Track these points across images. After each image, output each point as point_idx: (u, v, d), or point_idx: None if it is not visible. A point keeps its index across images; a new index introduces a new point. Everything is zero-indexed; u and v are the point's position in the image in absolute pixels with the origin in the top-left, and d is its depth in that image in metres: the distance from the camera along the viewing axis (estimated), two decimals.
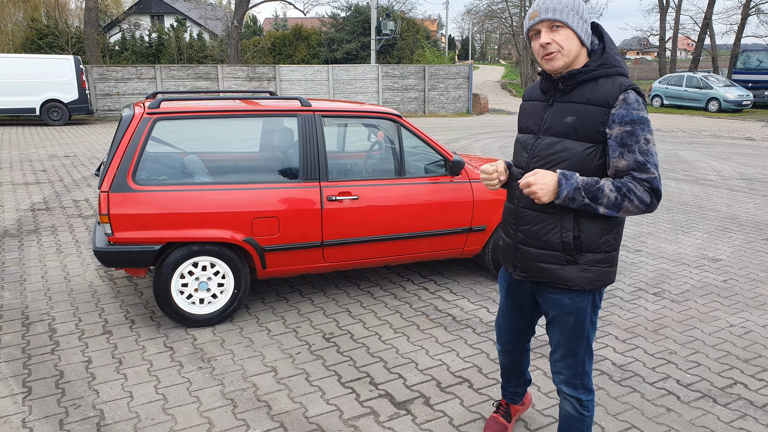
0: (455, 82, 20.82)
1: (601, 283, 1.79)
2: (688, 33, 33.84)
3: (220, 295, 3.42)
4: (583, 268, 1.76)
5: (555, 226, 1.74)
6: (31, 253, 4.76)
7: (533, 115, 1.86)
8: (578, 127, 1.70)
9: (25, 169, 8.86)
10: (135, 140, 3.21)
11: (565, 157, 1.71)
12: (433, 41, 41.46)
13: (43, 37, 24.26)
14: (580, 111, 1.70)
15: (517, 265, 1.89)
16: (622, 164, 1.66)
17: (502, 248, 1.99)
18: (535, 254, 1.81)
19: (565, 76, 1.73)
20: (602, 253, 1.76)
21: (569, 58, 1.70)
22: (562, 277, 1.78)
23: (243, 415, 2.55)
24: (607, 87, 1.68)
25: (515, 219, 1.86)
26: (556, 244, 1.76)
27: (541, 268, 1.81)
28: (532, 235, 1.81)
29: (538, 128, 1.81)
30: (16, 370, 2.90)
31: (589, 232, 1.74)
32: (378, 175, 3.86)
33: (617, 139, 1.65)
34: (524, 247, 1.84)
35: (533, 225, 1.79)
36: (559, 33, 1.69)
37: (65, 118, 15.65)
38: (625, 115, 1.65)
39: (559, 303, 1.83)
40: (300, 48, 27.63)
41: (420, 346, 3.21)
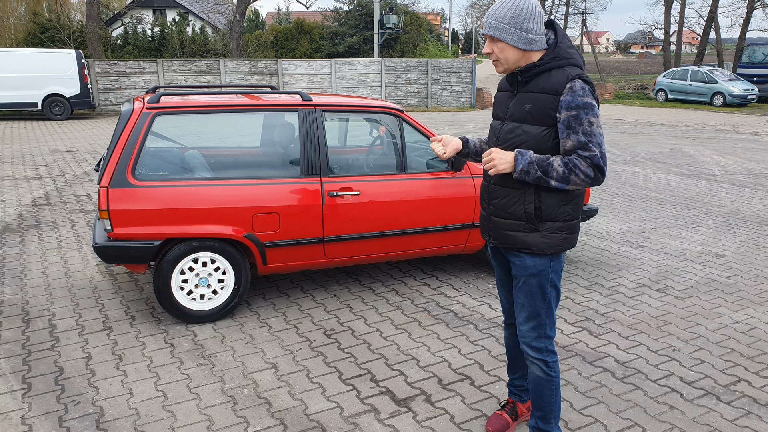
0: (458, 76, 20.73)
1: (561, 248, 2.02)
2: (693, 27, 33.59)
3: (220, 291, 3.40)
4: (544, 235, 2.00)
5: (519, 199, 2.00)
6: (32, 248, 4.75)
7: (501, 103, 2.11)
8: (534, 113, 1.95)
9: (26, 163, 8.85)
10: (134, 135, 3.19)
11: (524, 140, 1.97)
12: (437, 35, 41.24)
13: (45, 31, 24.23)
14: (534, 99, 1.95)
15: (491, 234, 2.13)
16: (569, 144, 1.90)
17: (480, 220, 2.23)
18: (503, 224, 2.06)
19: (523, 70, 1.97)
20: (561, 221, 2.00)
21: (508, 64, 1.97)
22: (526, 243, 2.02)
23: (243, 412, 2.53)
24: (558, 77, 1.91)
25: (488, 194, 2.12)
26: (520, 215, 2.01)
27: (509, 235, 2.06)
28: (500, 207, 2.06)
29: (504, 115, 2.07)
30: (16, 366, 2.89)
31: (548, 204, 1.98)
32: (379, 170, 3.83)
33: (564, 122, 1.89)
34: (495, 218, 2.09)
35: (501, 199, 2.05)
36: (496, 45, 1.96)
37: (67, 113, 15.64)
38: (571, 101, 1.88)
39: (523, 265, 2.06)
40: (302, 42, 27.54)
41: (421, 342, 3.20)
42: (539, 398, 2.17)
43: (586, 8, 35.64)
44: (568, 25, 40.01)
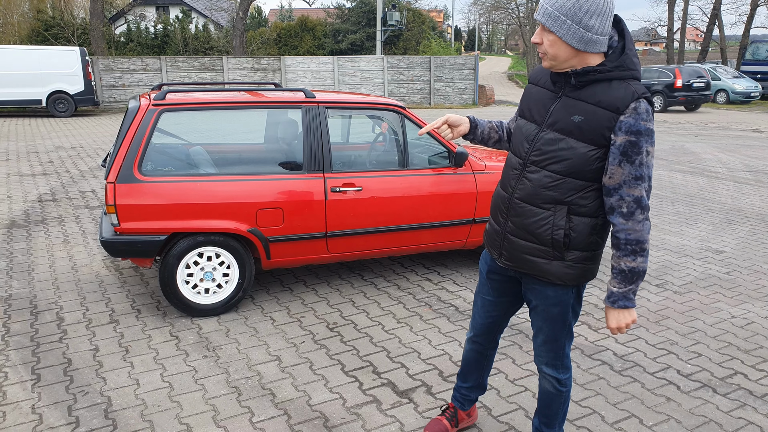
0: (461, 73, 20.74)
1: (584, 279, 1.81)
2: (696, 24, 33.53)
3: (225, 285, 3.46)
4: (568, 265, 1.77)
5: (548, 222, 1.74)
6: (38, 243, 4.82)
7: (538, 103, 1.79)
8: (584, 128, 1.66)
9: (32, 160, 8.92)
10: (141, 131, 3.24)
11: (566, 156, 1.69)
12: (440, 32, 41.21)
13: (49, 28, 24.30)
14: (589, 112, 1.65)
15: (503, 254, 1.89)
16: (618, 175, 1.65)
17: (488, 233, 1.98)
18: (523, 246, 1.82)
19: (579, 72, 1.66)
20: (588, 251, 1.78)
21: (556, 62, 1.67)
22: (547, 272, 1.79)
23: (247, 402, 2.59)
24: (620, 92, 1.62)
25: (507, 208, 1.84)
26: (545, 240, 1.76)
27: (528, 260, 1.82)
28: (523, 227, 1.80)
29: (542, 119, 1.76)
30: (26, 357, 2.95)
31: (580, 232, 1.74)
32: (382, 166, 3.88)
33: (620, 148, 1.62)
34: (513, 238, 1.84)
35: (526, 218, 1.78)
36: (547, 36, 1.66)
37: (71, 110, 15.72)
38: (633, 124, 1.61)
39: (543, 294, 1.86)
40: (305, 39, 27.56)
41: (423, 336, 3.24)
42: (547, 408, 2.06)
43: None
44: None
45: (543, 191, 1.73)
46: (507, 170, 1.87)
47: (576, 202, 1.71)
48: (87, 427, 2.40)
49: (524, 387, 2.72)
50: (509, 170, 1.85)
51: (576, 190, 1.70)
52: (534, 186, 1.75)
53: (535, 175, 1.75)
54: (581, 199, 1.71)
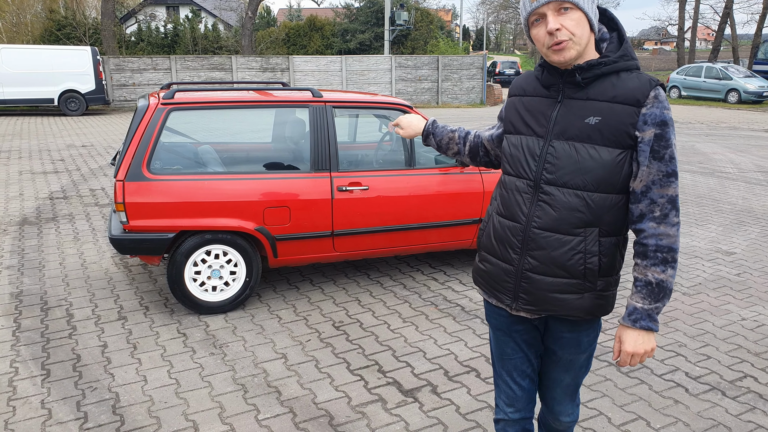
0: (469, 72, 20.69)
1: (610, 308, 1.58)
2: (707, 23, 33.21)
3: (232, 283, 3.47)
4: (598, 295, 1.52)
5: (579, 251, 1.47)
6: (49, 240, 4.87)
7: (534, 113, 1.54)
8: (604, 129, 1.43)
9: (43, 158, 9.01)
10: (150, 130, 3.27)
11: (590, 167, 1.44)
12: (448, 31, 41.14)
13: (62, 28, 24.52)
14: (604, 110, 1.44)
15: (521, 297, 1.55)
16: (646, 174, 1.43)
17: (488, 275, 1.61)
18: (549, 284, 1.50)
19: (583, 67, 1.45)
20: (614, 274, 1.54)
21: (581, 46, 1.43)
22: (580, 308, 1.51)
23: (253, 400, 2.60)
24: (634, 82, 1.44)
25: (522, 241, 1.52)
26: (577, 271, 1.48)
27: (555, 300, 1.51)
28: (549, 260, 1.48)
29: (545, 129, 1.51)
30: (35, 353, 2.98)
31: (610, 255, 1.49)
32: (388, 165, 3.88)
33: (648, 144, 1.42)
34: (536, 276, 1.51)
35: (552, 249, 1.48)
36: (568, 16, 1.41)
37: (82, 109, 15.86)
38: (658, 115, 1.42)
39: (576, 342, 1.59)
40: (314, 39, 27.62)
41: (428, 335, 3.24)
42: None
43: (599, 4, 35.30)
44: None
45: (571, 214, 1.45)
46: (510, 196, 1.56)
47: (607, 221, 1.46)
48: (95, 422, 2.42)
49: None
50: (514, 195, 1.55)
51: (608, 207, 1.45)
52: (559, 209, 1.46)
53: (557, 195, 1.46)
54: (611, 215, 1.47)
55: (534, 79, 1.60)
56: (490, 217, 1.63)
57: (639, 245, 1.48)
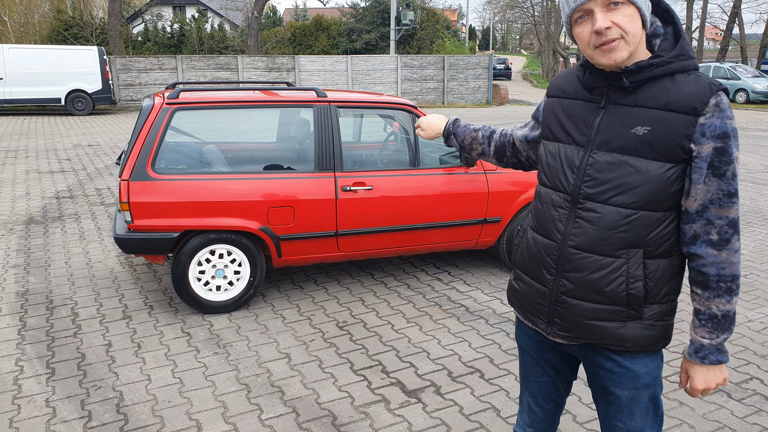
0: (475, 72, 20.66)
1: (666, 340, 1.38)
2: (715, 22, 33.03)
3: (236, 283, 3.48)
4: (647, 325, 1.34)
5: (620, 274, 1.31)
6: (55, 239, 4.89)
7: (574, 118, 1.38)
8: (654, 141, 1.26)
9: (50, 157, 9.07)
10: (154, 130, 3.28)
11: (636, 182, 1.27)
12: (454, 31, 41.10)
13: (69, 28, 24.68)
14: (655, 119, 1.26)
15: (556, 322, 1.41)
16: (702, 192, 1.26)
17: (522, 295, 1.49)
18: (587, 309, 1.35)
19: (632, 69, 1.27)
20: (668, 302, 1.36)
21: (633, 46, 1.26)
22: (623, 338, 1.35)
23: (257, 399, 2.60)
24: (691, 87, 1.26)
25: (557, 261, 1.37)
26: (618, 297, 1.32)
27: (595, 326, 1.36)
28: (586, 284, 1.34)
29: (586, 138, 1.34)
30: (41, 351, 3.00)
31: (658, 280, 1.32)
32: (392, 165, 3.88)
33: (707, 159, 1.24)
34: (572, 300, 1.37)
35: (590, 272, 1.33)
36: (619, 12, 1.23)
37: (89, 108, 15.95)
38: (719, 126, 1.23)
39: (632, 375, 1.37)
40: (320, 38, 27.65)
41: (432, 335, 3.24)
42: None
43: None
44: None
45: (612, 234, 1.29)
46: (545, 210, 1.41)
47: (652, 241, 1.30)
48: (99, 421, 2.43)
49: None
50: (549, 210, 1.40)
51: (653, 225, 1.29)
52: (598, 228, 1.31)
53: (598, 213, 1.31)
54: (658, 236, 1.30)
55: (575, 79, 1.42)
56: (525, 232, 1.49)
57: (697, 273, 1.31)
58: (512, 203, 3.93)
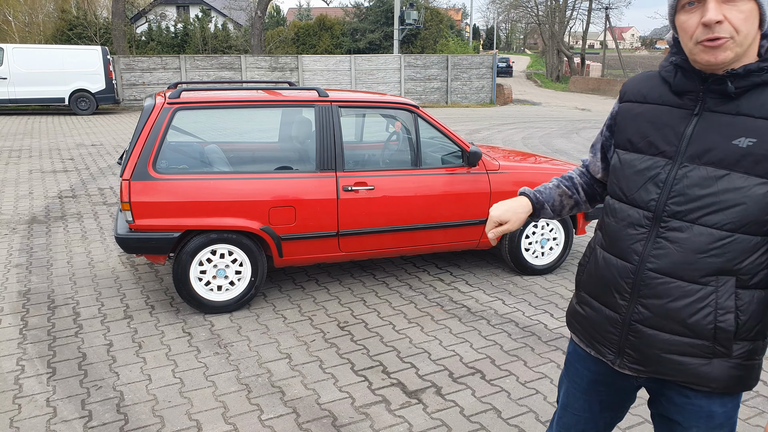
0: (478, 72, 20.63)
1: (755, 381, 1.24)
2: None
3: (237, 283, 3.48)
4: (735, 364, 1.19)
5: (707, 304, 1.16)
6: (57, 239, 4.90)
7: (661, 125, 1.22)
8: (759, 155, 1.11)
9: (53, 157, 9.09)
10: (156, 130, 3.28)
11: (734, 201, 1.12)
12: (458, 31, 41.05)
13: (73, 28, 24.75)
14: (762, 130, 1.11)
15: (628, 354, 1.26)
16: None
17: (585, 320, 1.35)
18: (666, 341, 1.21)
19: (739, 73, 1.12)
20: (760, 339, 1.20)
21: (742, 48, 1.11)
22: (705, 376, 1.20)
23: (257, 400, 2.60)
24: None
25: (633, 286, 1.23)
26: (705, 331, 1.17)
27: (674, 361, 1.21)
28: (666, 313, 1.19)
29: (675, 149, 1.19)
30: (42, 351, 3.00)
31: (751, 313, 1.17)
32: (394, 165, 3.87)
33: None
34: (648, 330, 1.22)
35: (671, 300, 1.18)
36: (737, 7, 1.09)
37: (93, 108, 16.00)
38: None
39: (706, 413, 1.24)
40: (324, 38, 27.66)
41: (433, 336, 3.23)
42: None
43: (610, 3, 35.10)
44: (592, 21, 39.47)
45: (700, 258, 1.15)
46: (620, 228, 1.26)
47: (747, 269, 1.15)
48: (99, 421, 2.43)
49: (535, 390, 2.69)
50: (625, 228, 1.25)
51: (750, 251, 1.14)
52: (684, 251, 1.16)
53: (685, 233, 1.16)
54: (754, 264, 1.15)
55: (659, 82, 1.26)
56: (593, 251, 1.34)
57: None
58: None
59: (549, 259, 4.16)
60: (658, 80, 1.27)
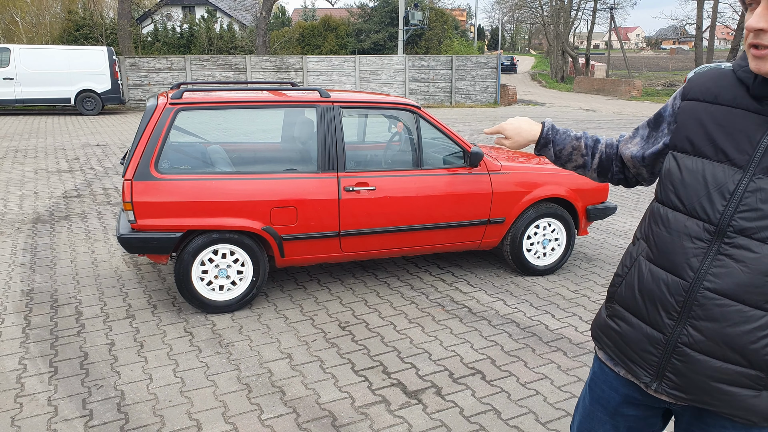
0: (483, 72, 20.61)
1: None
2: (726, 21, 32.69)
3: (239, 282, 3.49)
4: None
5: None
6: (61, 238, 4.93)
7: (733, 132, 1.10)
8: None
9: (59, 157, 9.14)
10: (158, 130, 3.29)
11: None
12: (462, 31, 41.02)
13: (79, 28, 24.90)
14: None
15: (668, 378, 1.16)
16: None
17: (622, 338, 1.24)
18: (716, 369, 1.10)
19: None
20: None
21: None
22: (753, 409, 1.11)
23: (257, 399, 2.61)
24: None
25: (684, 305, 1.12)
26: (762, 362, 1.07)
27: (721, 391, 1.11)
28: (722, 339, 1.09)
29: (747, 158, 1.07)
30: (44, 350, 3.02)
31: None
32: (396, 166, 3.87)
33: None
34: (697, 355, 1.11)
35: (730, 324, 1.07)
36: None
37: (98, 108, 16.08)
38: None
39: None
40: (328, 38, 27.70)
41: (434, 336, 3.23)
42: None
43: (615, 3, 34.96)
44: (597, 21, 39.35)
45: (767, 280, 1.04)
46: (674, 239, 1.15)
47: None
48: (100, 420, 2.44)
49: (535, 390, 2.69)
50: (680, 239, 1.13)
51: None
52: (751, 272, 1.05)
53: (754, 252, 1.05)
54: None
55: (734, 82, 1.13)
56: (635, 262, 1.22)
57: None
58: (516, 204, 3.91)
59: (551, 259, 4.15)
60: (732, 80, 1.13)
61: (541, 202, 4.01)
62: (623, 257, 1.28)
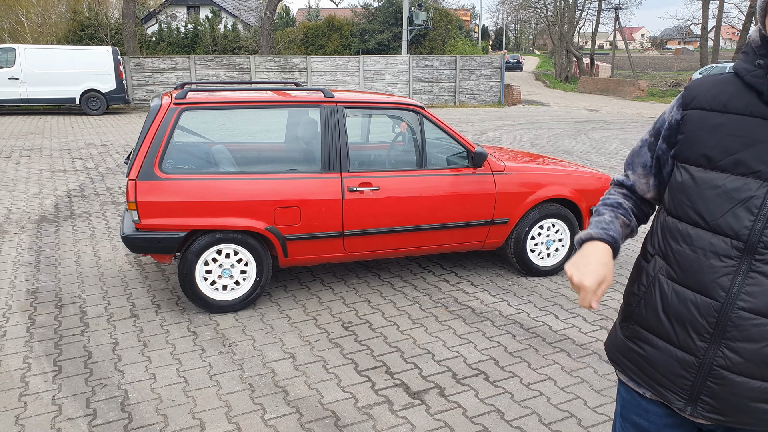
0: (487, 72, 20.58)
1: None
2: (732, 21, 32.57)
3: (242, 282, 3.49)
4: None
5: None
6: (66, 238, 4.94)
7: (752, 142, 1.04)
8: None
9: (63, 156, 9.18)
10: (162, 130, 3.30)
11: None
12: (466, 31, 41.00)
13: (85, 28, 24.98)
14: None
15: (704, 402, 1.12)
16: None
17: (648, 362, 1.19)
18: (756, 389, 1.07)
19: None
20: None
21: None
22: None
23: (260, 399, 2.61)
24: None
25: (717, 326, 1.07)
26: None
27: (762, 410, 1.09)
28: (761, 359, 1.05)
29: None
30: (48, 349, 3.03)
31: None
32: (399, 166, 3.87)
33: None
34: (735, 377, 1.07)
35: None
36: None
37: (103, 108, 16.14)
38: None
39: None
40: (332, 39, 27.73)
41: (437, 337, 3.22)
42: None
43: (620, 3, 34.86)
44: (601, 21, 39.24)
45: None
46: (700, 257, 1.09)
47: None
48: (104, 419, 2.45)
49: (539, 392, 2.68)
50: (707, 258, 1.08)
51: None
52: None
53: None
54: None
55: (742, 88, 1.08)
56: (653, 280, 1.16)
57: None
58: (520, 205, 3.90)
59: (555, 260, 4.14)
60: (739, 86, 1.07)
61: (545, 202, 4.00)
62: (636, 273, 1.21)
